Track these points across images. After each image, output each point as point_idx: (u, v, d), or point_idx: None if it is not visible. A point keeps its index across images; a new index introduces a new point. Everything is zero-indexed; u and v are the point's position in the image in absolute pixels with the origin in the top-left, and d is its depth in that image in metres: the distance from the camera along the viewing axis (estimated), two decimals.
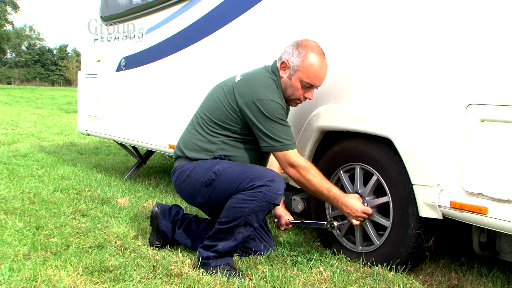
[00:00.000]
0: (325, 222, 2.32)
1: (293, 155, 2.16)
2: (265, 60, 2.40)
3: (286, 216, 2.46)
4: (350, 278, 2.07)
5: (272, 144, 2.15)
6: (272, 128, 2.13)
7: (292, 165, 2.16)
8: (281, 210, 2.48)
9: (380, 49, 2.12)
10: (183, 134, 2.40)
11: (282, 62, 2.23)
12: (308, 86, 2.22)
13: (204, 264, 2.13)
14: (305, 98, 2.27)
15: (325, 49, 2.24)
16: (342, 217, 2.34)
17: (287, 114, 2.40)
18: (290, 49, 2.22)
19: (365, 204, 2.21)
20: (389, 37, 2.09)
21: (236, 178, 2.10)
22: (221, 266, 2.09)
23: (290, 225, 2.46)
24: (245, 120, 2.18)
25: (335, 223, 2.28)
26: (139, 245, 2.45)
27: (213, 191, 2.17)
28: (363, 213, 2.17)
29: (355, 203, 2.17)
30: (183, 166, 2.28)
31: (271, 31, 2.68)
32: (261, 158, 2.33)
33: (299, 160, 2.16)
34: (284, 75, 2.24)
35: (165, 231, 2.42)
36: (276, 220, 2.49)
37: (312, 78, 2.19)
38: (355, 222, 2.19)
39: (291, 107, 2.46)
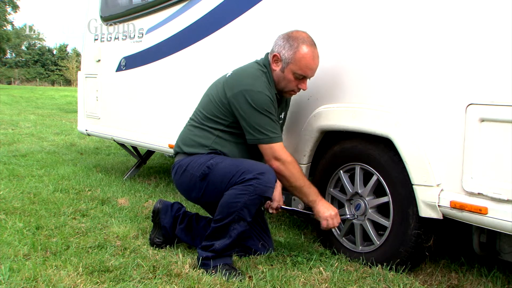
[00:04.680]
0: (312, 213, 2.31)
1: (279, 148, 2.17)
2: None
3: (279, 202, 2.43)
4: (350, 278, 2.07)
5: (257, 136, 2.16)
6: (258, 120, 2.14)
7: (277, 158, 2.17)
8: (277, 194, 2.45)
9: (380, 49, 2.12)
10: (181, 131, 2.44)
11: (274, 55, 2.24)
12: (301, 78, 2.23)
13: (204, 265, 2.13)
14: (299, 89, 2.28)
15: (324, 49, 2.24)
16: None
17: (283, 109, 2.40)
18: (281, 41, 2.23)
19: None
20: (388, 36, 2.09)
21: (228, 172, 2.12)
22: (220, 266, 2.09)
23: (280, 210, 2.44)
24: (234, 113, 2.19)
25: None
26: (139, 245, 2.45)
27: (207, 185, 2.19)
28: (335, 217, 2.20)
29: (330, 208, 2.21)
30: (181, 161, 2.31)
31: (271, 31, 2.67)
32: (256, 153, 2.33)
33: (284, 154, 2.18)
34: (276, 68, 2.24)
35: (166, 226, 2.43)
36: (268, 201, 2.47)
37: (304, 69, 2.20)
38: (324, 223, 2.21)
39: (290, 107, 2.47)
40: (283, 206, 2.44)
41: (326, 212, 2.20)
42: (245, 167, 2.11)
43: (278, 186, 2.45)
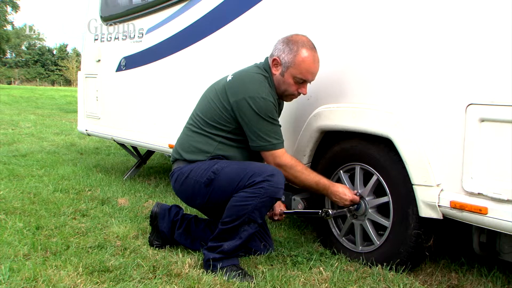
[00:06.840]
0: (320, 211, 2.33)
1: (280, 154, 2.18)
2: None
3: (280, 207, 2.46)
4: (350, 278, 2.07)
5: (259, 143, 2.17)
6: (261, 126, 2.14)
7: (279, 165, 2.17)
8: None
9: (379, 49, 2.12)
10: (180, 136, 2.41)
11: (274, 59, 2.23)
12: (301, 82, 2.22)
13: (211, 266, 2.11)
14: (299, 93, 2.28)
15: (323, 48, 2.24)
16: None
17: (280, 112, 2.40)
18: (281, 45, 2.22)
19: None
20: (388, 36, 2.08)
21: (236, 176, 2.10)
22: (229, 267, 2.08)
23: (283, 215, 2.47)
24: (237, 119, 2.18)
25: (330, 211, 2.30)
26: (139, 245, 2.45)
27: (213, 190, 2.17)
28: (351, 201, 2.21)
29: (343, 191, 2.21)
30: (181, 168, 2.28)
31: (270, 31, 2.67)
32: (259, 158, 2.33)
33: (285, 160, 2.18)
34: (276, 72, 2.24)
35: (164, 231, 2.42)
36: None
37: (305, 73, 2.19)
38: (342, 204, 2.23)
39: (284, 106, 2.46)
40: (285, 211, 2.45)
41: (340, 199, 2.21)
42: (253, 170, 2.09)
43: None
